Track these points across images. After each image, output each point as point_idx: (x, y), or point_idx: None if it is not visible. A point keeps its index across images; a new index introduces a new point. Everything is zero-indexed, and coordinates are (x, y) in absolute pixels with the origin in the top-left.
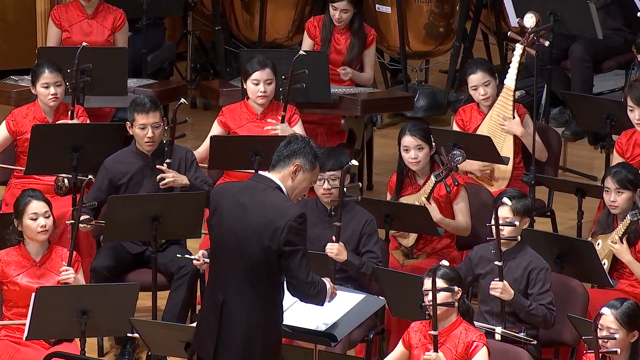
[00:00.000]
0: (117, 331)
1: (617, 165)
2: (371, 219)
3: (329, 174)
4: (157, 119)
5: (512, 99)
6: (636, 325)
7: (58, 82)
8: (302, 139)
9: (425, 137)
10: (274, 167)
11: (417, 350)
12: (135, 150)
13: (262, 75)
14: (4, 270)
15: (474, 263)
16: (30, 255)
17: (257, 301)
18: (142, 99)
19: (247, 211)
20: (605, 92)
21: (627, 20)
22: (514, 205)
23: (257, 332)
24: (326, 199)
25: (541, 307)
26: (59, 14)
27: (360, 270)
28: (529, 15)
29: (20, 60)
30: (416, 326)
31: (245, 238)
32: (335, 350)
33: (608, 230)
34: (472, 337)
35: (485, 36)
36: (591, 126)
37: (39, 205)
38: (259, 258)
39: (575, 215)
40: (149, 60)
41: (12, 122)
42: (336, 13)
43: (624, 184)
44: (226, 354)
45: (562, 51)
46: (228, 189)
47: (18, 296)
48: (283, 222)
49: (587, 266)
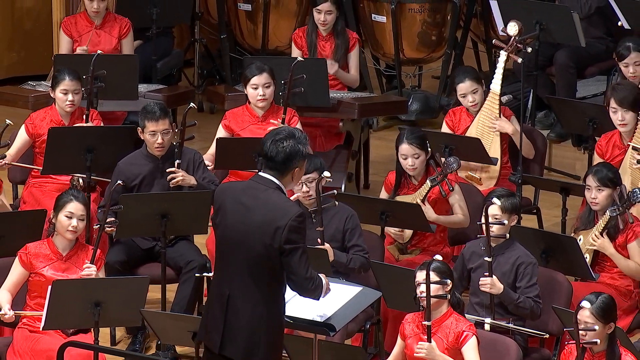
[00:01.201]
0: (129, 321)
1: (598, 165)
2: (352, 214)
3: (305, 177)
4: (166, 125)
5: (498, 102)
6: (611, 317)
7: (76, 90)
8: (292, 137)
9: (422, 145)
10: (273, 168)
11: (410, 340)
12: (146, 153)
13: (260, 79)
14: (32, 262)
15: (466, 258)
16: (57, 250)
17: (261, 295)
18: (152, 106)
19: (249, 211)
20: (588, 97)
21: (608, 29)
22: (502, 204)
23: (260, 325)
24: (307, 202)
25: (528, 300)
26: (68, 25)
27: (349, 267)
28: (512, 24)
29: (37, 67)
30: (409, 317)
31: (248, 236)
32: (333, 340)
33: (589, 226)
34: (462, 327)
35: (475, 44)
36: (575, 129)
37: (77, 207)
38: (261, 255)
39: (560, 212)
40: (158, 67)
41: (30, 126)
42: (321, 16)
43: (604, 182)
44: (232, 345)
45: (547, 58)
46: (231, 189)
47: (42, 287)
48: (284, 222)
49: (571, 260)
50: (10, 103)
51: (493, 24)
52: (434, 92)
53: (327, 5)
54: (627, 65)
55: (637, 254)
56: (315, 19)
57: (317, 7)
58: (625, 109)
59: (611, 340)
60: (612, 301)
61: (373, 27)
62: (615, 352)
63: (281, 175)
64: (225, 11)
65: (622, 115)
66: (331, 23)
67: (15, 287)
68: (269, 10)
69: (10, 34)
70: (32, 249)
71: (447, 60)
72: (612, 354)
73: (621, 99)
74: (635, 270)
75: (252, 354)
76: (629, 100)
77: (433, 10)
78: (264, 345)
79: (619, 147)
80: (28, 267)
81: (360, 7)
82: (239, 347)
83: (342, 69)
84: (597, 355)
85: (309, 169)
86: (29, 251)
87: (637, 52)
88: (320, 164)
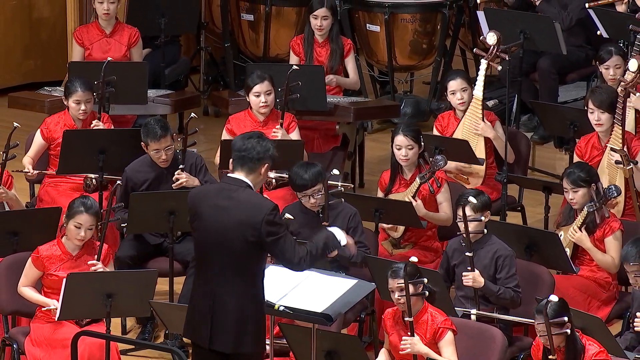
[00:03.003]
0: (139, 312)
1: (570, 167)
2: (354, 213)
3: (312, 190)
4: (168, 142)
5: (481, 107)
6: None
7: (88, 99)
8: (262, 136)
9: (416, 138)
10: (241, 167)
11: (392, 336)
12: (149, 161)
13: (261, 87)
14: (44, 264)
15: (449, 255)
16: (67, 250)
17: (244, 288)
18: (153, 126)
19: (226, 211)
20: (569, 101)
21: (588, 38)
22: (475, 204)
23: (247, 315)
24: (315, 209)
25: (508, 290)
26: (80, 34)
27: (351, 261)
28: (491, 33)
29: (53, 74)
30: (388, 314)
31: (228, 235)
32: (330, 329)
33: (570, 222)
34: (438, 324)
35: (463, 52)
36: (556, 131)
37: (86, 219)
38: (242, 251)
39: (543, 209)
40: (166, 73)
41: (45, 130)
42: (317, 21)
43: (578, 183)
44: (221, 338)
45: (531, 65)
46: (205, 193)
47: (56, 285)
48: (260, 218)
49: (553, 255)
50: (27, 107)
51: (480, 33)
52: (424, 96)
53: (323, 11)
54: (608, 67)
55: (612, 249)
56: (312, 24)
57: (313, 12)
58: (602, 110)
59: (568, 338)
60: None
61: (367, 36)
62: (577, 347)
63: (251, 172)
64: (229, 21)
65: (599, 115)
66: (327, 28)
67: (32, 283)
68: (270, 20)
69: (28, 43)
70: (44, 251)
71: (437, 67)
72: (574, 350)
73: (599, 101)
74: (610, 263)
75: (242, 343)
76: (606, 102)
77: (424, 21)
78: (252, 334)
79: (597, 149)
80: (41, 269)
81: (355, 17)
82: (228, 340)
83: (338, 74)
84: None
85: (314, 182)
86: (41, 254)
87: (618, 56)
88: (320, 172)
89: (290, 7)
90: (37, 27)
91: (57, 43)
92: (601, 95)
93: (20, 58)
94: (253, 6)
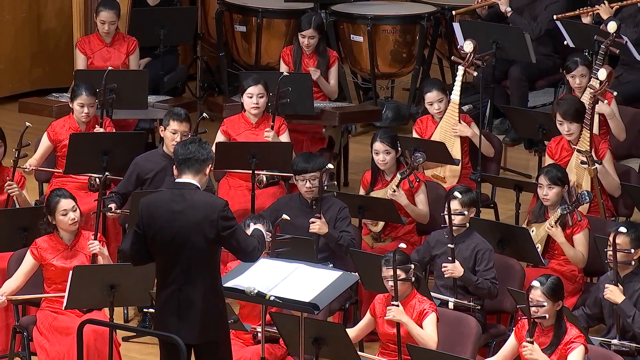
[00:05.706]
0: (140, 302)
1: (548, 166)
2: (344, 207)
3: (310, 175)
4: (187, 129)
5: (458, 110)
6: (559, 296)
7: (91, 104)
8: (201, 142)
9: (392, 144)
10: (188, 169)
11: (380, 319)
12: (162, 152)
13: (255, 89)
14: (42, 255)
15: (431, 245)
16: (63, 241)
17: (206, 282)
18: (179, 110)
19: (183, 214)
20: (538, 106)
21: (555, 48)
22: (462, 199)
23: (211, 306)
24: (309, 195)
25: (486, 281)
26: (83, 44)
27: (338, 242)
28: (468, 42)
29: (60, 81)
30: (379, 299)
31: (190, 236)
32: (317, 317)
33: (540, 219)
34: (424, 306)
35: (440, 60)
36: (526, 134)
37: (66, 202)
38: (203, 248)
39: (514, 206)
40: (165, 80)
41: (52, 133)
42: (305, 40)
43: (554, 181)
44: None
45: (502, 72)
46: (157, 201)
47: (55, 275)
48: (216, 215)
49: (523, 248)
50: (36, 112)
51: (455, 43)
52: (404, 102)
53: (310, 32)
54: (573, 76)
55: (581, 244)
56: (300, 42)
57: (301, 32)
58: (569, 121)
59: (559, 316)
60: (560, 282)
61: (351, 46)
62: (562, 326)
63: (198, 173)
64: (223, 32)
65: (568, 126)
66: (313, 45)
67: (26, 276)
68: (261, 32)
69: (37, 52)
70: (41, 243)
71: (415, 75)
72: (560, 328)
73: (564, 112)
74: (580, 258)
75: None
76: (571, 112)
77: (403, 32)
78: (215, 323)
79: (566, 150)
80: (39, 260)
81: (340, 28)
82: (195, 332)
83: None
84: (546, 329)
85: (314, 168)
86: (39, 246)
87: (583, 66)
88: (322, 162)
89: (281, 19)
90: (45, 38)
91: (63, 52)
92: (565, 105)
93: (30, 66)
94: (245, 18)
